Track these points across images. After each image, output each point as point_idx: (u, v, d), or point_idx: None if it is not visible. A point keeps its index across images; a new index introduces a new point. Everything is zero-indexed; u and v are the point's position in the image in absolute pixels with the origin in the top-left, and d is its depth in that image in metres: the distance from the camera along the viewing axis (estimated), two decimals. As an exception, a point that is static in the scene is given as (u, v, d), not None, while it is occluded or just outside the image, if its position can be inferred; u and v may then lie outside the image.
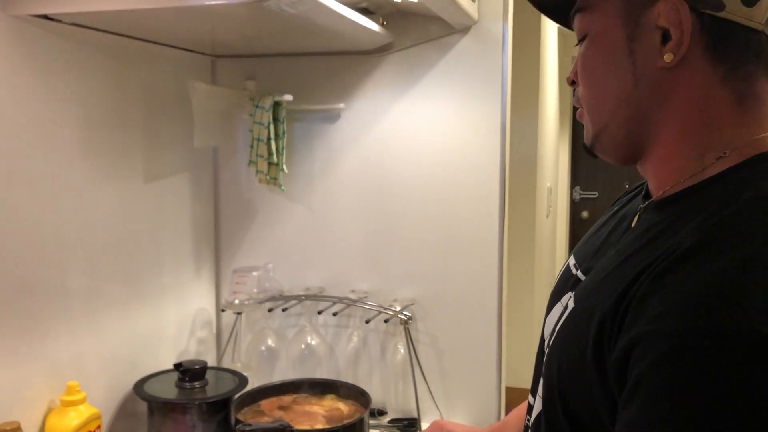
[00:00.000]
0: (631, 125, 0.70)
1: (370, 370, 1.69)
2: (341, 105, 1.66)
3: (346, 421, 1.37)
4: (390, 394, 1.67)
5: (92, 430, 1.27)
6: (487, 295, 1.61)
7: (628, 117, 0.70)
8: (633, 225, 0.74)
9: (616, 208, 0.86)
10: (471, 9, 1.49)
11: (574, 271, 0.80)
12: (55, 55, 1.25)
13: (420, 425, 1.59)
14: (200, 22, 1.33)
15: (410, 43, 1.62)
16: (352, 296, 1.65)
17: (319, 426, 1.38)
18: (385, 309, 1.59)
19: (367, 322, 1.58)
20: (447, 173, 1.62)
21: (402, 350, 1.63)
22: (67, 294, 1.31)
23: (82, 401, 1.27)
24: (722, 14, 0.63)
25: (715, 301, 0.53)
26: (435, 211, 1.63)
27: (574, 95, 0.77)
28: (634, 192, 0.86)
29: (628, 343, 0.57)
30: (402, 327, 1.60)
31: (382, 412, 1.65)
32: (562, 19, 0.78)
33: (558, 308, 0.76)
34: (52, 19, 1.21)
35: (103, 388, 1.40)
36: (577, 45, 0.74)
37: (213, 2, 1.09)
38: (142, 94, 1.49)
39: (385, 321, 1.59)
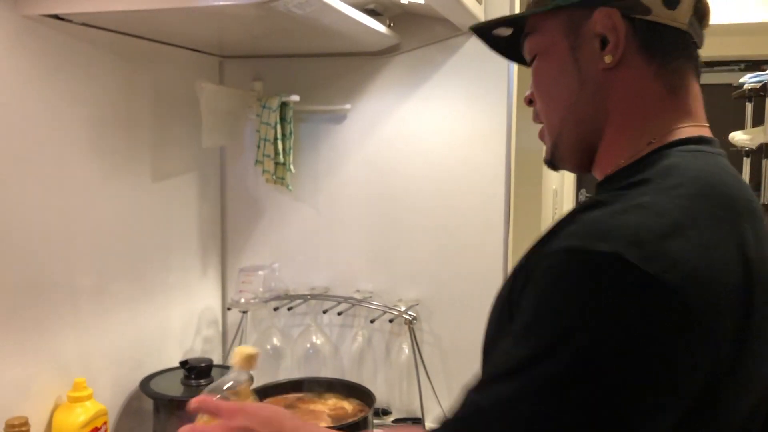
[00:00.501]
0: (580, 128, 0.77)
1: (375, 369, 1.70)
2: (347, 106, 1.67)
3: (350, 420, 1.38)
4: (394, 394, 1.67)
5: (98, 426, 1.29)
6: (491, 296, 1.59)
7: (577, 121, 0.77)
8: None
9: None
10: (477, 11, 1.49)
11: None
12: (66, 55, 1.27)
13: (424, 425, 1.59)
14: (209, 22, 1.34)
15: (417, 44, 1.63)
16: (357, 296, 1.66)
17: (324, 424, 1.38)
18: (390, 309, 1.59)
19: (372, 321, 1.59)
20: (452, 174, 1.63)
21: (406, 350, 1.64)
22: (75, 291, 1.32)
23: (88, 398, 1.28)
24: (650, 17, 0.72)
25: (592, 230, 0.62)
26: (440, 212, 1.64)
27: (533, 111, 0.83)
28: None
29: (527, 275, 0.66)
30: (406, 327, 1.61)
31: (386, 412, 1.66)
32: (513, 53, 0.85)
33: None
34: (62, 19, 1.23)
35: (109, 385, 1.41)
36: (529, 66, 0.81)
37: (221, 3, 1.10)
38: (150, 94, 1.50)
39: (390, 321, 1.60)
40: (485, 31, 0.84)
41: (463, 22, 1.54)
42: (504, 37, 0.84)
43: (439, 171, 1.63)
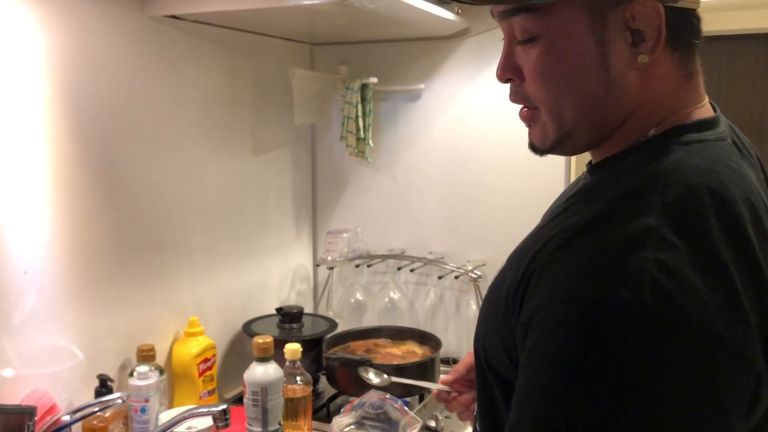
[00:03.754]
0: (596, 129, 0.69)
1: (446, 322, 1.89)
2: (422, 86, 1.85)
3: (417, 360, 1.58)
4: (463, 345, 1.86)
5: (209, 357, 1.54)
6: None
7: (595, 122, 0.68)
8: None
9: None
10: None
11: None
12: (180, 47, 1.51)
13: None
14: (299, 16, 1.55)
15: (486, 27, 1.77)
16: (430, 257, 1.85)
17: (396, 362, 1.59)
18: (458, 268, 1.77)
19: (440, 278, 1.77)
20: (517, 147, 1.75)
21: (473, 306, 1.81)
22: (190, 249, 1.58)
23: (200, 333, 1.53)
24: (679, 4, 0.63)
25: (607, 272, 0.56)
26: (505, 182, 1.79)
27: (511, 91, 0.74)
28: None
29: (530, 312, 0.61)
30: (472, 285, 1.78)
31: (456, 361, 1.84)
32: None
33: None
34: (178, 18, 1.47)
35: (218, 326, 1.66)
36: (519, 44, 0.69)
37: (307, 2, 1.31)
38: (250, 79, 1.74)
39: (456, 277, 1.78)
40: None
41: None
42: None
43: (506, 144, 1.78)
